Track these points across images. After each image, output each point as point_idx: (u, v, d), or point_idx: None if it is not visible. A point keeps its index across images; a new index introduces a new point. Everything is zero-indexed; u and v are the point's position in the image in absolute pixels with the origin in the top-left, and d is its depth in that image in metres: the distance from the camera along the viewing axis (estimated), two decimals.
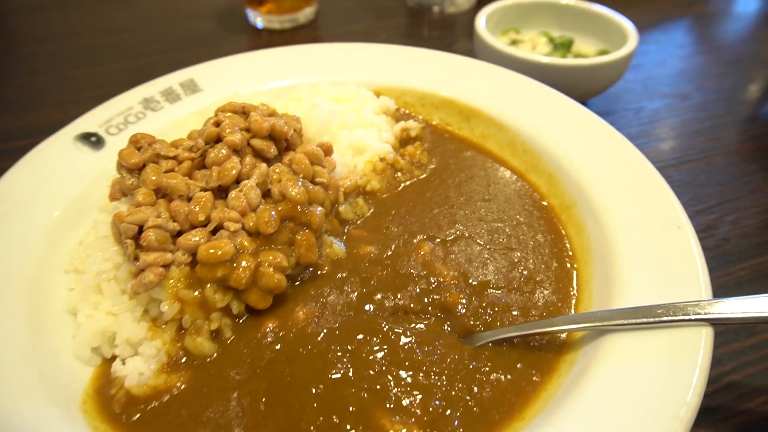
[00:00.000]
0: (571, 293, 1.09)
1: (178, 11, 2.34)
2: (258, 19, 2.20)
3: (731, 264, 1.32)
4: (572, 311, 1.06)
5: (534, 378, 0.94)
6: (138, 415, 0.92)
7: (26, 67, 2.05)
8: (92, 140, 1.34)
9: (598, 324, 0.92)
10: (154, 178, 1.09)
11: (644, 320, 0.89)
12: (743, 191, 1.51)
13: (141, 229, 1.03)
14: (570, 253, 1.16)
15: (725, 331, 1.15)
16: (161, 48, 2.11)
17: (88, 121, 1.38)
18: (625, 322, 0.90)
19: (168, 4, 2.39)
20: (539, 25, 1.97)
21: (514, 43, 1.91)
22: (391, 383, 0.93)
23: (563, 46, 1.89)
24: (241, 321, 1.05)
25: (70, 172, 1.26)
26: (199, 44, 2.13)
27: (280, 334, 1.02)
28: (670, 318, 0.88)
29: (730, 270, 1.30)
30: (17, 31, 2.29)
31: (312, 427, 0.87)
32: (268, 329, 1.02)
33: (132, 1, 2.42)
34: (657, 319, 0.89)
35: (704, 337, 0.86)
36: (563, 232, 1.21)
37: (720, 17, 2.49)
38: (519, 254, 1.16)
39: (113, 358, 1.01)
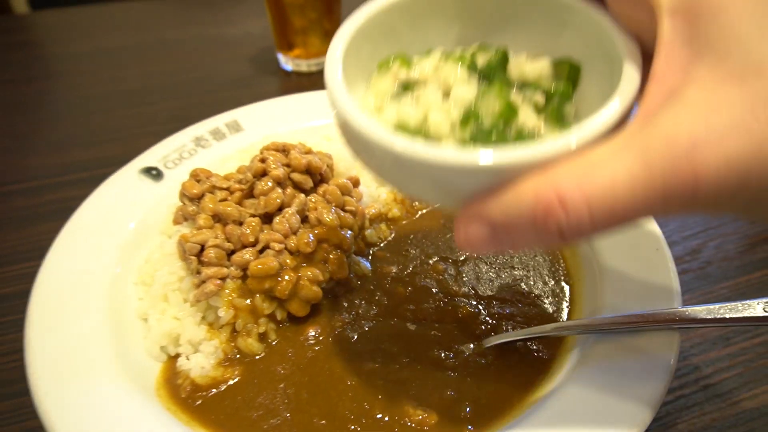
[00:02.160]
0: (565, 306, 1.27)
1: (216, 56, 2.58)
2: (288, 63, 2.43)
3: (713, 284, 1.47)
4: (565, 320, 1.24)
5: (531, 375, 1.11)
6: (201, 401, 1.10)
7: (82, 107, 2.27)
8: (153, 173, 1.56)
9: (582, 329, 1.10)
10: (211, 206, 1.30)
11: (621, 325, 1.07)
12: (726, 219, 1.68)
13: (202, 248, 1.23)
14: (565, 272, 1.35)
15: (703, 341, 1.31)
16: (203, 89, 2.34)
17: (149, 157, 1.59)
18: (606, 327, 1.08)
19: (207, 49, 2.63)
20: (448, 35, 0.83)
21: (405, 89, 0.75)
22: (414, 376, 1.11)
23: (492, 71, 0.75)
24: (284, 326, 1.24)
25: (136, 201, 1.47)
26: (236, 85, 2.35)
27: (320, 337, 1.21)
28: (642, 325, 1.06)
29: (712, 289, 1.46)
30: (71, 76, 2.52)
31: (347, 412, 1.06)
32: (310, 334, 1.21)
33: (173, 47, 2.67)
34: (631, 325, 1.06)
35: (673, 340, 1.03)
36: (559, 254, 1.39)
37: None
38: (521, 273, 1.35)
39: (177, 356, 1.20)
